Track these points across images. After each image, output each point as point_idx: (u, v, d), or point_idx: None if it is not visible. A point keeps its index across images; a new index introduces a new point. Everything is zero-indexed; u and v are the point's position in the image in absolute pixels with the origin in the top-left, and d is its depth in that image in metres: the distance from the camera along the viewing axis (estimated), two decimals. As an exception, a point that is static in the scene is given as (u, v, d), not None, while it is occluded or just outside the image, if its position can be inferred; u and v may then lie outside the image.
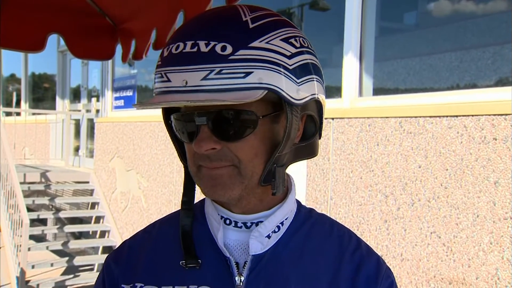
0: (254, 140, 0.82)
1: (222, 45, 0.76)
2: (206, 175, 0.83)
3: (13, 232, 6.26)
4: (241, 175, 0.82)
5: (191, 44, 0.77)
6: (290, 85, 0.80)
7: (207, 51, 0.75)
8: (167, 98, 0.78)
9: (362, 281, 0.87)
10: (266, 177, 0.83)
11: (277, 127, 0.84)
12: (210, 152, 0.80)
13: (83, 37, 2.03)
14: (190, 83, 0.76)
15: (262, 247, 0.86)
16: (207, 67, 0.75)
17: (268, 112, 0.82)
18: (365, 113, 3.79)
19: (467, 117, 3.08)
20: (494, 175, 2.91)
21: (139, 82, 7.42)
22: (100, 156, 7.61)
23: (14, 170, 6.44)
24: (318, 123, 0.89)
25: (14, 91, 11.76)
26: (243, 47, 0.76)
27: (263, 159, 0.83)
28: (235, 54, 0.76)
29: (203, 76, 0.75)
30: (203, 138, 0.80)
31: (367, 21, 4.06)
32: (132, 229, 6.57)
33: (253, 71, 0.76)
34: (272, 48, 0.78)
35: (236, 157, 0.81)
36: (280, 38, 0.80)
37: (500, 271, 2.86)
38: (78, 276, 6.39)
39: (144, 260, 0.92)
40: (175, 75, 0.77)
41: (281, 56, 0.79)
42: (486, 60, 3.64)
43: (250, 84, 0.76)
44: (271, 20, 0.82)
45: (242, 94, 0.76)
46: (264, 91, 0.76)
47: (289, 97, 0.80)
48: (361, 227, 3.69)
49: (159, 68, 0.81)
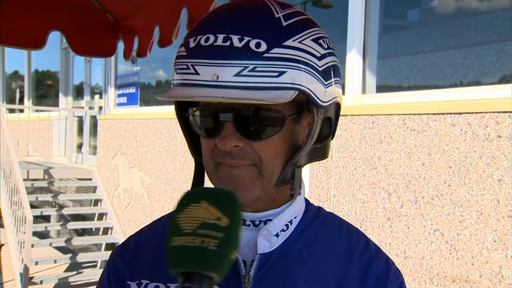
0: (277, 140, 0.80)
1: (256, 42, 0.74)
2: (226, 174, 0.81)
3: (17, 228, 6.28)
4: (261, 175, 0.81)
5: (223, 37, 0.74)
6: (319, 87, 0.79)
7: (240, 46, 0.74)
8: (196, 91, 0.75)
9: (371, 282, 0.86)
10: (284, 178, 0.83)
11: (298, 127, 0.84)
12: (233, 149, 0.79)
13: (84, 34, 2.03)
14: (222, 78, 0.74)
15: (270, 245, 0.85)
16: (240, 63, 0.73)
17: (293, 113, 0.81)
18: (368, 110, 3.78)
19: (471, 115, 3.07)
20: (498, 173, 2.90)
21: (142, 79, 7.42)
22: (103, 153, 7.62)
23: (17, 167, 6.45)
24: (333, 126, 0.88)
25: (17, 88, 11.78)
26: (277, 45, 0.75)
27: (282, 160, 0.82)
28: (269, 52, 0.74)
29: (236, 72, 0.73)
30: (228, 135, 0.78)
31: (370, 18, 4.05)
32: (135, 226, 6.58)
33: (287, 70, 0.75)
34: (304, 48, 0.77)
35: (258, 156, 0.80)
36: (311, 38, 0.79)
37: (504, 269, 2.85)
38: (81, 272, 6.40)
39: (149, 256, 0.91)
40: (204, 68, 0.75)
41: (312, 57, 0.78)
42: (490, 57, 3.62)
43: (282, 84, 0.75)
44: (301, 18, 0.80)
45: (275, 93, 0.74)
46: (295, 92, 0.75)
47: (317, 99, 0.79)
48: (364, 224, 3.68)
49: (184, 59, 0.78)
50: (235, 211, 0.67)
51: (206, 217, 0.66)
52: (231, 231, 0.65)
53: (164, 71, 7.89)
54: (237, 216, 0.67)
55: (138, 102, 7.21)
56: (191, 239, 0.64)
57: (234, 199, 0.68)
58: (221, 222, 0.65)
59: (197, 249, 0.64)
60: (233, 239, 0.65)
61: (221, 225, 0.65)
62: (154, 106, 7.08)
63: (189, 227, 0.65)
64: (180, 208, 0.68)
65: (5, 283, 5.98)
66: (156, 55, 7.07)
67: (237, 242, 0.66)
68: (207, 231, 0.65)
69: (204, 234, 0.64)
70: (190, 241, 0.64)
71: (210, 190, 0.72)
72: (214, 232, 0.64)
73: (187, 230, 0.65)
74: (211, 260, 0.63)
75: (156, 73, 8.07)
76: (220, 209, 0.67)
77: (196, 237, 0.64)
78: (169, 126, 6.07)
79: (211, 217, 0.66)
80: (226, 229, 0.65)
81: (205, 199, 0.68)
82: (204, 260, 0.63)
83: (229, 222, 0.65)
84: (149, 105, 7.33)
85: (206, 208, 0.67)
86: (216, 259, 0.64)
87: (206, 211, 0.66)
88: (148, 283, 0.88)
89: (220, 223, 0.65)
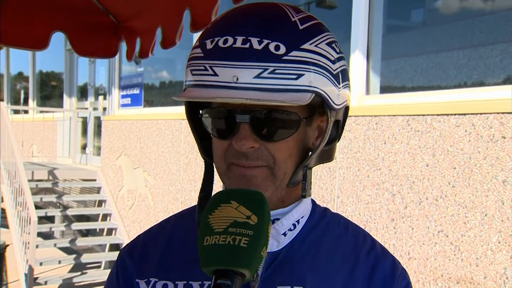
0: (291, 142, 0.82)
1: (275, 44, 0.75)
2: (239, 174, 0.82)
3: (21, 229, 6.30)
4: (274, 176, 0.82)
5: (242, 39, 0.75)
6: (333, 90, 0.81)
7: (260, 48, 0.75)
8: (215, 92, 0.76)
9: (378, 282, 0.87)
10: (295, 179, 0.84)
11: (309, 130, 0.85)
12: (249, 150, 0.80)
13: (86, 35, 2.03)
14: (242, 80, 0.75)
15: (277, 244, 0.87)
16: (260, 65, 0.74)
17: (307, 115, 0.82)
18: (372, 111, 3.78)
19: (475, 115, 3.06)
20: (503, 174, 2.89)
21: (146, 80, 7.43)
22: (107, 154, 7.64)
23: (22, 168, 6.47)
24: (340, 129, 0.89)
25: (22, 89, 11.82)
26: (295, 48, 0.76)
27: (295, 161, 0.84)
28: (288, 55, 0.75)
29: (256, 74, 0.74)
30: (245, 136, 0.79)
31: (374, 19, 4.04)
32: (139, 227, 6.59)
33: (305, 73, 0.76)
34: (320, 52, 0.78)
35: (272, 158, 0.81)
36: (325, 42, 0.80)
37: (509, 270, 2.84)
38: (86, 273, 6.42)
39: (158, 255, 0.92)
40: (224, 70, 0.76)
41: (327, 61, 0.79)
42: (494, 58, 3.61)
43: (300, 86, 0.76)
44: (315, 23, 0.82)
45: (293, 95, 0.75)
46: (312, 95, 0.77)
47: (332, 102, 0.81)
48: (368, 225, 3.68)
49: (201, 60, 0.79)
50: (263, 210, 0.70)
51: (237, 216, 0.69)
52: (261, 229, 0.69)
53: (167, 72, 7.90)
54: (266, 214, 0.70)
55: (142, 103, 7.23)
56: (223, 238, 0.68)
57: (262, 198, 0.72)
58: (251, 220, 0.69)
59: (230, 247, 0.67)
60: (263, 236, 0.69)
61: (251, 223, 0.69)
62: (158, 107, 7.09)
63: (220, 226, 0.69)
64: (211, 209, 0.72)
65: (10, 283, 6.00)
66: (159, 56, 7.08)
67: (267, 239, 0.69)
68: (238, 229, 0.68)
69: (236, 232, 0.68)
70: (222, 240, 0.68)
71: (239, 190, 0.75)
72: (245, 230, 0.68)
73: (219, 229, 0.69)
74: (243, 257, 0.67)
75: (160, 74, 8.08)
76: (250, 208, 0.70)
77: (228, 235, 0.68)
78: (172, 127, 6.07)
79: (242, 216, 0.69)
80: (256, 227, 0.69)
81: (235, 199, 0.71)
82: (237, 257, 0.67)
83: (258, 220, 0.69)
84: (153, 106, 7.34)
85: (236, 208, 0.70)
86: (248, 256, 0.67)
87: (236, 210, 0.70)
88: (157, 281, 0.89)
89: (250, 221, 0.69)
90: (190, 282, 0.86)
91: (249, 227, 0.68)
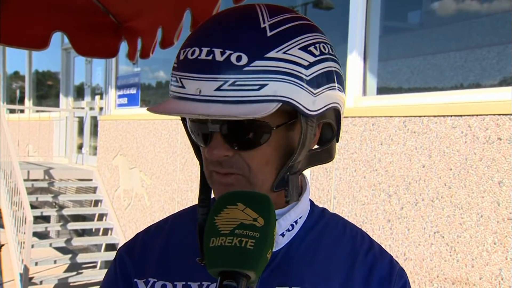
0: (266, 149, 0.81)
1: (237, 55, 0.74)
2: (217, 181, 0.83)
3: (17, 229, 6.28)
4: (250, 183, 0.82)
5: (206, 51, 0.75)
6: (306, 96, 0.78)
7: (222, 60, 0.74)
8: (180, 105, 0.77)
9: (375, 281, 0.87)
10: (278, 184, 0.83)
11: (293, 134, 0.84)
12: (222, 158, 0.80)
13: (87, 35, 2.03)
14: (204, 93, 0.75)
15: (276, 245, 0.86)
16: (221, 77, 0.74)
17: (283, 122, 0.81)
18: (369, 112, 3.79)
19: (471, 117, 3.08)
20: (499, 175, 2.90)
21: (143, 80, 7.42)
22: (103, 153, 7.62)
23: (17, 167, 6.45)
24: (335, 129, 0.88)
25: (18, 88, 11.78)
26: (259, 58, 0.75)
27: (275, 166, 0.83)
28: (250, 65, 0.74)
29: (216, 86, 0.74)
30: (216, 146, 0.80)
31: (371, 20, 4.05)
32: (135, 227, 6.58)
33: (268, 83, 0.75)
34: (289, 59, 0.76)
35: (247, 165, 0.81)
36: (298, 47, 0.78)
37: (504, 271, 2.85)
38: (81, 273, 6.40)
39: (156, 255, 0.92)
40: (189, 82, 0.76)
41: (298, 67, 0.77)
42: (491, 60, 3.63)
43: (264, 97, 0.75)
44: (290, 26, 0.79)
45: (256, 107, 0.74)
46: (278, 104, 0.76)
47: (304, 109, 0.78)
48: (364, 226, 3.69)
49: (175, 71, 0.80)
50: (269, 212, 0.71)
51: (243, 218, 0.70)
52: (267, 231, 0.69)
53: (164, 72, 7.90)
54: (272, 216, 0.71)
55: (139, 103, 7.22)
56: (229, 239, 0.68)
57: (268, 200, 0.72)
58: (258, 222, 0.69)
59: (236, 249, 0.67)
60: (269, 238, 0.69)
61: (258, 226, 0.69)
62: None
63: (227, 228, 0.69)
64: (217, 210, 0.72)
65: (5, 283, 5.98)
66: (156, 56, 7.06)
67: (272, 241, 0.70)
68: (245, 231, 0.68)
69: (242, 234, 0.68)
70: (229, 241, 0.68)
71: (245, 193, 0.75)
72: (252, 232, 0.68)
73: (225, 231, 0.69)
74: (249, 259, 0.67)
75: (156, 74, 8.08)
76: (256, 210, 0.70)
77: (234, 237, 0.68)
78: (169, 127, 6.07)
79: (248, 218, 0.70)
80: (262, 229, 0.69)
81: (241, 201, 0.71)
82: (243, 259, 0.67)
83: (264, 223, 0.69)
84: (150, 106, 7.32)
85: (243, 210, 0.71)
86: (254, 258, 0.67)
87: (243, 212, 0.70)
88: (156, 281, 0.89)
89: (256, 223, 0.69)
90: (189, 283, 0.87)
91: (255, 229, 0.68)
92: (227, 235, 0.68)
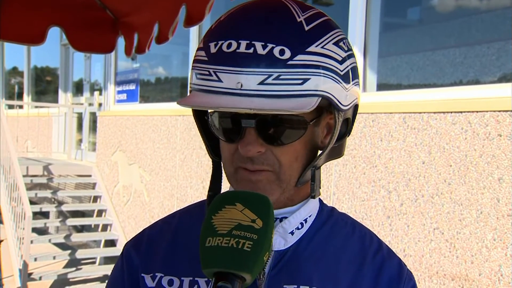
0: (298, 144, 0.81)
1: (280, 49, 0.73)
2: (245, 178, 0.81)
3: (16, 224, 6.28)
4: (280, 180, 0.81)
5: (246, 44, 0.73)
6: (341, 91, 0.78)
7: (264, 53, 0.73)
8: (219, 99, 0.74)
9: (384, 283, 0.87)
10: (303, 179, 0.83)
11: (317, 130, 0.84)
12: (255, 155, 0.79)
13: (83, 30, 2.02)
14: (246, 87, 0.73)
15: (285, 243, 0.86)
16: (265, 71, 0.73)
17: (314, 117, 0.81)
18: (368, 108, 3.78)
19: (471, 113, 3.07)
20: (498, 172, 2.90)
21: (142, 76, 7.41)
22: (102, 149, 7.62)
23: (16, 163, 6.45)
24: (350, 125, 0.88)
25: (16, 84, 11.76)
26: (301, 52, 0.74)
27: (302, 162, 0.83)
28: (293, 59, 0.73)
29: (260, 80, 0.73)
30: (251, 141, 0.78)
31: (371, 16, 4.04)
32: (134, 223, 6.58)
33: (310, 77, 0.74)
34: (327, 53, 0.76)
35: (277, 162, 0.80)
36: (332, 42, 0.78)
37: (504, 267, 2.85)
38: (80, 269, 6.41)
39: (164, 250, 0.92)
40: (228, 76, 0.74)
41: (334, 62, 0.77)
42: (491, 56, 3.62)
43: (306, 91, 0.74)
44: (322, 21, 0.79)
45: (299, 101, 0.73)
46: (319, 98, 0.75)
47: (339, 104, 0.79)
48: (364, 222, 3.66)
49: (205, 65, 0.77)
50: (269, 214, 0.69)
51: (241, 219, 0.68)
52: (265, 234, 0.67)
53: (163, 68, 7.88)
54: (271, 219, 0.69)
55: (138, 99, 7.21)
56: (226, 240, 0.66)
57: (268, 203, 0.71)
58: (256, 224, 0.68)
59: (232, 250, 0.66)
60: (267, 241, 0.67)
61: (256, 227, 0.67)
62: (153, 103, 7.07)
63: (224, 228, 0.67)
64: (215, 210, 0.70)
65: (4, 279, 5.98)
66: (155, 52, 7.06)
67: (270, 244, 0.68)
68: (242, 232, 0.67)
69: (240, 235, 0.66)
70: (225, 242, 0.66)
71: (245, 193, 0.74)
72: (249, 233, 0.67)
73: (222, 231, 0.67)
74: (246, 261, 0.65)
75: (155, 70, 8.06)
76: (255, 211, 0.69)
77: (232, 238, 0.66)
78: (168, 123, 6.06)
79: (246, 219, 0.68)
80: (260, 231, 0.67)
81: (240, 201, 0.70)
82: (239, 261, 0.65)
83: (263, 225, 0.68)
84: (149, 102, 7.32)
85: (241, 210, 0.69)
86: (250, 260, 0.65)
87: (241, 213, 0.69)
88: (163, 276, 0.88)
89: (255, 225, 0.67)
90: (196, 278, 0.86)
91: (253, 231, 0.67)
92: (224, 236, 0.67)
